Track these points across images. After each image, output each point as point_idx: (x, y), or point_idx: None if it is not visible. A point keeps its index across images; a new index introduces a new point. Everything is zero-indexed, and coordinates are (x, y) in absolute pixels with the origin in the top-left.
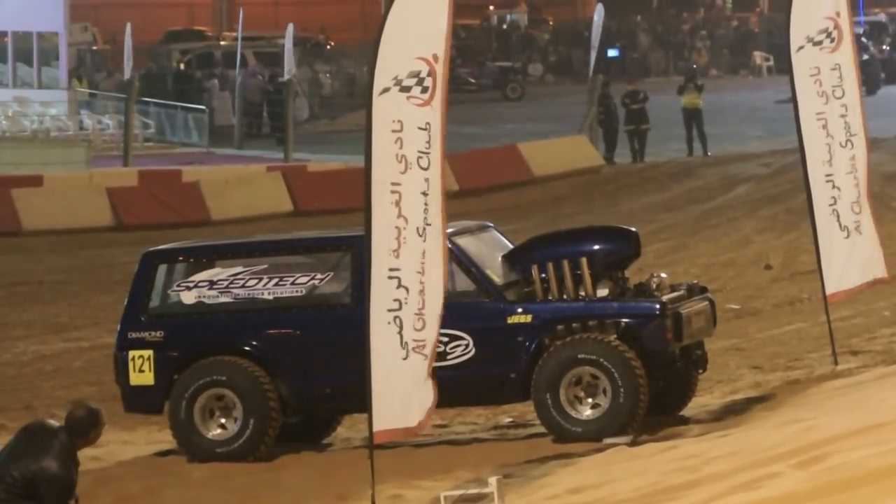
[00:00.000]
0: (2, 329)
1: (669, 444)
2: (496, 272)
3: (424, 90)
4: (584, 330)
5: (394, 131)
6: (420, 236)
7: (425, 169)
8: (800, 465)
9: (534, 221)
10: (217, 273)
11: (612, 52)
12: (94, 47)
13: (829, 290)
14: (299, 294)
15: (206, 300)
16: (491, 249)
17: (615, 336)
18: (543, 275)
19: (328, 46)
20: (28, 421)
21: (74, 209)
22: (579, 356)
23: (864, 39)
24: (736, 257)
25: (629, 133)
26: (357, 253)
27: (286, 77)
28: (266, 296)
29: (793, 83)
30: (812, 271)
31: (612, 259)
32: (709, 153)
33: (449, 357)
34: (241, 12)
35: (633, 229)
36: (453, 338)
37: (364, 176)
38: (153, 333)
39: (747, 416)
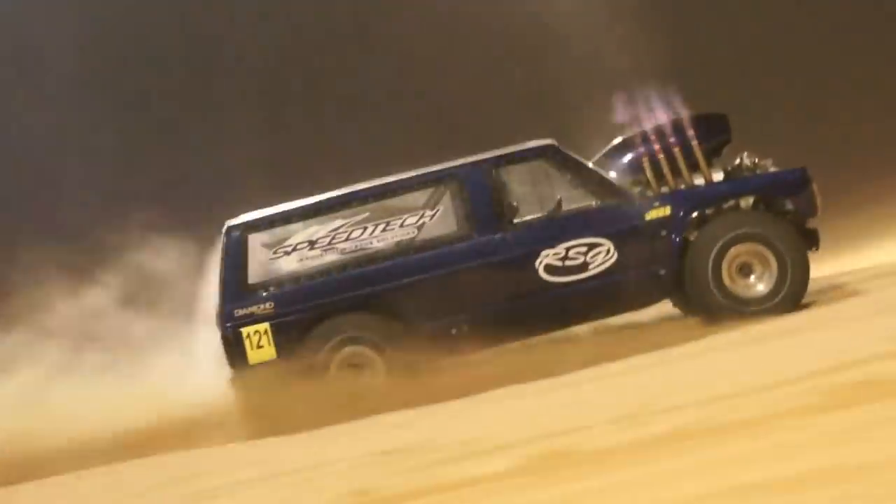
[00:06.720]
0: None
1: None
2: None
3: None
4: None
5: None
6: None
7: None
8: None
9: None
10: (315, 231)
11: None
12: None
13: None
14: (411, 236)
15: (310, 261)
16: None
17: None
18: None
19: None
20: None
21: None
22: (739, 232)
23: None
24: None
25: None
26: (460, 183)
27: None
28: (376, 244)
29: None
30: None
31: (717, 144)
32: None
33: (591, 267)
34: None
35: (725, 113)
36: (591, 246)
37: None
38: (263, 306)
39: None
